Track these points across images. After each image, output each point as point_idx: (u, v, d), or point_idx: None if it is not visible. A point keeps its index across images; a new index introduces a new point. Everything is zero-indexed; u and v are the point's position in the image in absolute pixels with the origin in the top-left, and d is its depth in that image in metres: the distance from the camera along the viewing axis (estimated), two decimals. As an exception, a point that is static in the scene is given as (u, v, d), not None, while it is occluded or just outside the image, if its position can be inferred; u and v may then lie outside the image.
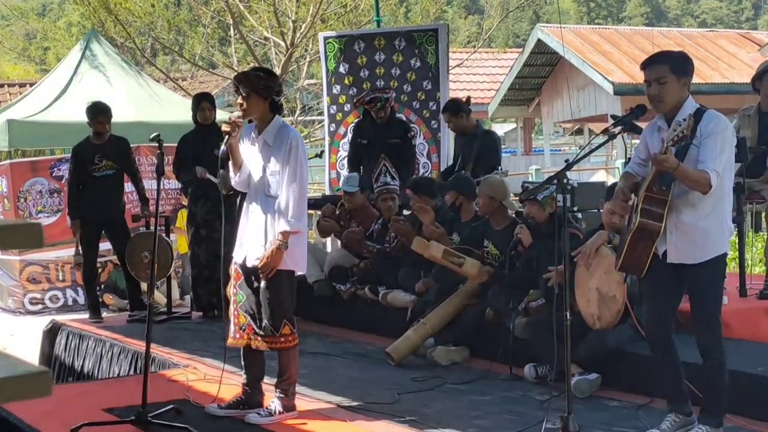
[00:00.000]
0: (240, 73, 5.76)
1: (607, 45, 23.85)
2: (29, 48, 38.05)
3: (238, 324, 5.64)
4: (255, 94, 5.45)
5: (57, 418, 5.59)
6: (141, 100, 13.23)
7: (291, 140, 5.47)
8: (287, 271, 5.54)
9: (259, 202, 5.53)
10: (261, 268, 5.43)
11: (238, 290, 5.64)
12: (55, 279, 12.42)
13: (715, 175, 4.68)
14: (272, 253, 5.39)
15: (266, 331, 5.51)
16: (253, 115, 5.55)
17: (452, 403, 5.97)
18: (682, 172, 4.69)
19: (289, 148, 5.44)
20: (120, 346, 7.97)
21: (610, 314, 5.87)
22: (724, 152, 4.78)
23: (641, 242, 4.89)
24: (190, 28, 20.91)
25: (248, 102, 5.46)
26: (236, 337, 5.67)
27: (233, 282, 5.70)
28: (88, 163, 9.26)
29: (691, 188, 4.77)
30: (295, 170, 5.43)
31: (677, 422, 5.04)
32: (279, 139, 5.50)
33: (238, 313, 5.65)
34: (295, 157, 5.44)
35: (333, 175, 11.35)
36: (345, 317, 8.75)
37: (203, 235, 9.06)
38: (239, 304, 5.64)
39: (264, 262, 5.41)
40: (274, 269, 5.43)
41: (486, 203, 7.42)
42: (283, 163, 5.44)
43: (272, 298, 5.48)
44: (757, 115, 7.71)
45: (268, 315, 5.49)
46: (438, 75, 10.75)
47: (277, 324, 5.49)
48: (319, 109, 18.98)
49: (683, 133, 4.66)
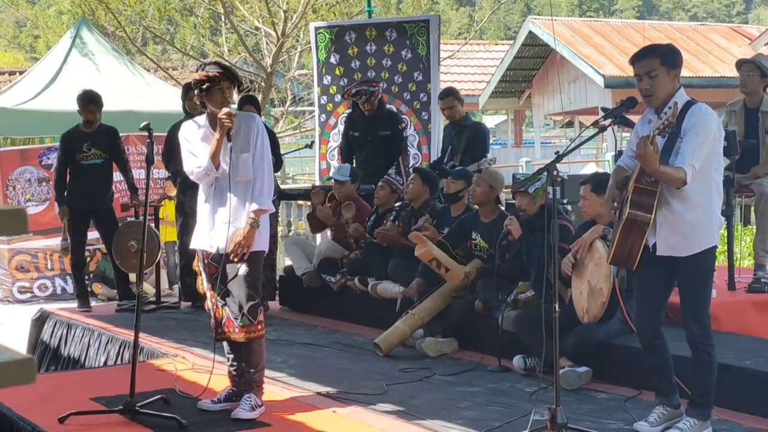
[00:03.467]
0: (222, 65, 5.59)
1: (598, 38, 23.85)
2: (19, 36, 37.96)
3: (219, 318, 5.55)
4: (235, 86, 5.48)
5: (45, 407, 5.58)
6: (131, 89, 13.19)
7: (257, 123, 5.50)
8: (260, 252, 5.51)
9: (224, 188, 5.42)
10: (234, 249, 5.33)
11: (215, 283, 5.48)
12: (43, 268, 12.39)
13: (690, 171, 4.69)
14: (246, 232, 5.32)
15: (244, 320, 5.43)
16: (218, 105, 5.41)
17: (441, 395, 5.97)
18: (661, 173, 4.71)
19: (256, 131, 5.44)
20: (108, 335, 7.95)
21: (597, 307, 5.87)
22: (705, 145, 4.77)
23: (632, 234, 4.90)
24: (181, 18, 20.85)
25: (230, 94, 5.46)
26: (219, 333, 5.57)
27: (206, 277, 5.57)
28: (76, 151, 9.21)
29: (667, 185, 4.79)
30: (263, 151, 5.44)
31: (665, 414, 5.05)
32: (243, 124, 5.47)
33: (217, 308, 5.55)
34: (262, 138, 5.46)
35: (323, 165, 11.33)
36: (334, 308, 8.75)
37: (191, 225, 8.99)
38: (218, 297, 5.52)
39: (237, 241, 5.33)
40: (248, 249, 5.37)
41: (485, 192, 7.42)
42: (251, 146, 5.43)
43: (250, 281, 5.41)
44: (743, 110, 7.74)
45: (245, 301, 5.41)
46: (429, 66, 10.73)
47: (254, 310, 5.43)
48: (310, 99, 18.98)
49: (669, 121, 4.68)
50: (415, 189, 8.19)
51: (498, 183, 7.49)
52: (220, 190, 5.47)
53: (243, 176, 5.40)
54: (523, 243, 6.74)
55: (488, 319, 6.90)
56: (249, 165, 5.41)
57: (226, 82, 5.40)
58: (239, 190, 5.41)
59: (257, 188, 5.39)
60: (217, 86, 5.37)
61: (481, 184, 7.44)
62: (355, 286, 8.44)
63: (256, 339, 5.50)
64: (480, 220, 7.48)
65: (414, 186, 8.21)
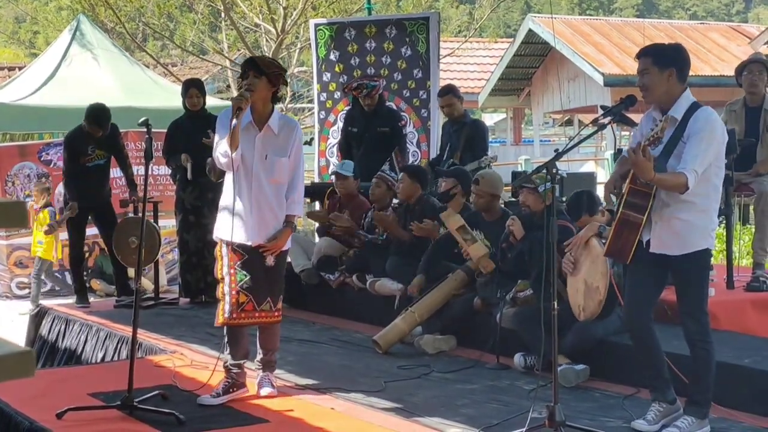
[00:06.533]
0: (255, 56, 5.93)
1: (597, 36, 23.82)
2: (19, 31, 37.90)
3: (237, 303, 5.67)
4: (266, 78, 5.60)
5: (43, 402, 5.57)
6: (131, 85, 13.18)
7: (299, 131, 5.81)
8: (286, 250, 5.92)
9: (259, 187, 5.64)
10: (271, 248, 5.67)
11: (237, 270, 5.68)
12: (42, 263, 12.36)
13: (693, 176, 4.71)
14: (284, 234, 5.70)
15: (266, 307, 5.73)
16: (257, 97, 5.60)
17: (439, 392, 5.97)
18: (657, 180, 4.74)
19: (297, 139, 5.77)
20: (106, 331, 7.95)
21: (593, 305, 5.88)
22: (710, 150, 4.79)
23: (625, 232, 4.96)
24: (181, 14, 20.84)
25: (258, 83, 5.58)
26: (233, 317, 5.68)
27: (227, 262, 5.71)
28: (81, 154, 9.21)
29: (668, 191, 4.81)
30: (301, 159, 5.80)
31: (662, 411, 5.05)
32: (285, 129, 5.73)
33: (237, 293, 5.66)
34: (300, 147, 5.81)
35: (322, 162, 11.33)
36: (332, 305, 8.74)
37: (192, 222, 9.03)
38: (240, 284, 5.66)
39: (275, 242, 5.67)
40: (280, 248, 5.72)
41: (488, 201, 7.42)
42: (290, 151, 5.70)
43: (279, 275, 5.82)
44: (743, 109, 7.73)
45: (273, 292, 5.76)
46: (429, 64, 10.73)
47: (276, 299, 5.78)
48: (309, 96, 18.95)
49: (657, 135, 4.72)
50: (406, 188, 8.20)
51: (497, 188, 7.48)
52: (255, 187, 5.65)
53: (277, 178, 5.67)
54: (525, 242, 6.73)
55: (487, 317, 6.89)
56: (284, 169, 5.68)
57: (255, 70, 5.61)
58: (272, 189, 5.69)
59: (296, 195, 5.78)
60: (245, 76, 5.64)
61: (483, 195, 7.43)
62: (354, 283, 8.44)
63: (275, 323, 5.87)
64: (483, 219, 7.47)
65: (404, 185, 8.21)
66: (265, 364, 5.90)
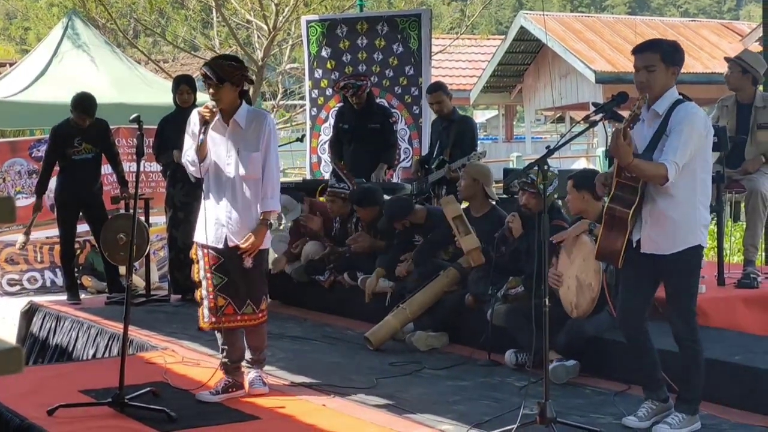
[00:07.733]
0: (211, 61, 5.74)
1: (589, 33, 23.87)
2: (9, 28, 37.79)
3: (215, 307, 5.62)
4: (228, 83, 5.49)
5: (34, 399, 5.57)
6: (122, 82, 13.13)
7: (269, 123, 5.63)
8: (265, 249, 5.77)
9: (232, 185, 5.56)
10: (247, 248, 5.54)
11: (214, 273, 5.63)
12: (33, 260, 12.33)
13: (673, 167, 4.68)
14: (259, 232, 5.54)
15: (248, 310, 5.65)
16: (224, 104, 5.52)
17: (430, 389, 5.97)
18: (636, 166, 4.71)
19: (267, 131, 5.56)
20: (97, 327, 7.94)
21: (586, 302, 5.89)
22: (690, 143, 4.75)
23: (613, 230, 4.91)
24: (173, 10, 20.79)
25: (221, 91, 5.48)
26: (212, 321, 5.65)
27: (203, 266, 5.67)
28: (67, 146, 9.18)
29: (648, 181, 4.79)
30: (274, 153, 5.60)
31: (654, 409, 5.06)
32: (254, 123, 5.58)
33: (215, 297, 5.63)
34: (274, 139, 5.61)
35: (314, 159, 11.34)
36: (324, 302, 8.74)
37: (181, 218, 9.01)
38: (217, 287, 5.62)
39: (251, 241, 5.53)
40: (257, 248, 5.58)
41: (469, 185, 7.44)
42: (261, 145, 5.54)
43: (258, 276, 5.69)
44: (735, 105, 7.75)
45: (252, 293, 5.65)
46: (420, 61, 10.73)
47: (258, 301, 5.68)
48: (301, 93, 18.95)
49: (634, 112, 4.67)
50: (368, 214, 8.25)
51: (481, 175, 7.48)
52: (227, 185, 5.57)
53: (251, 174, 5.53)
54: (523, 241, 6.72)
55: (479, 314, 6.89)
56: (258, 164, 5.54)
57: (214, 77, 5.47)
58: (246, 187, 5.56)
59: (269, 190, 5.57)
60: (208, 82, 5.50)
61: (465, 177, 7.47)
62: (345, 281, 8.44)
63: (260, 324, 5.76)
64: (471, 214, 7.48)
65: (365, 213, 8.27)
66: (254, 363, 5.89)
